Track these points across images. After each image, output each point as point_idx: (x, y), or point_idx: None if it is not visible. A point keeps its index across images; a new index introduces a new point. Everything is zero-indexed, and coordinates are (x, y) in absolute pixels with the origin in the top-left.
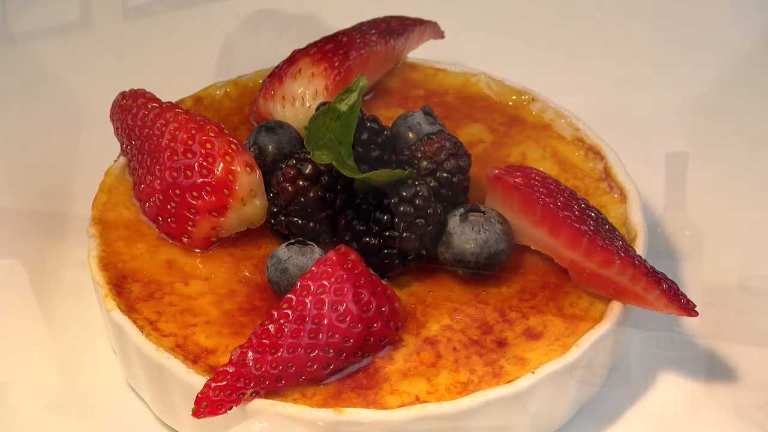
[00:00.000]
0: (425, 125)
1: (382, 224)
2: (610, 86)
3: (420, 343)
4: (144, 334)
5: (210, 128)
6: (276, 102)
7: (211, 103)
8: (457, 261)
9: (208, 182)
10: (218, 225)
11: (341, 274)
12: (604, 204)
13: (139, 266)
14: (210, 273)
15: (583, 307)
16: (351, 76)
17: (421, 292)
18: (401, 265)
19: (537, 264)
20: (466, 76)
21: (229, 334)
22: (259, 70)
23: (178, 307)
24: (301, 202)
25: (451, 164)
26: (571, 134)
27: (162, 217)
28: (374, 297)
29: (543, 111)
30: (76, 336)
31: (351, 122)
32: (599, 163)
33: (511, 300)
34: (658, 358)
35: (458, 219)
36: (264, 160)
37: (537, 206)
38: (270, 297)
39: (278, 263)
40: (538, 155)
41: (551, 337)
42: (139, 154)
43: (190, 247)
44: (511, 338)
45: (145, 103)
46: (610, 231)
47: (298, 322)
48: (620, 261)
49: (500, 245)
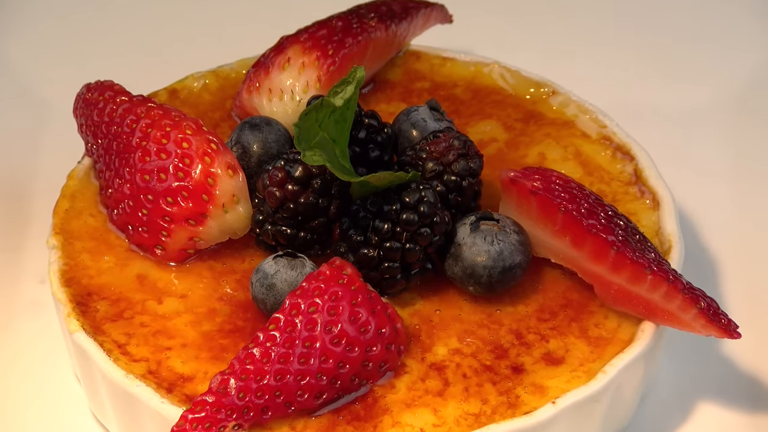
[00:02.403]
0: (431, 122)
1: (382, 234)
2: (637, 79)
3: (425, 369)
4: (112, 359)
5: (187, 125)
6: (262, 95)
7: (188, 97)
8: (468, 276)
9: (184, 186)
10: (196, 235)
11: (336, 290)
12: (634, 211)
13: (107, 282)
14: (187, 289)
15: (611, 328)
16: (347, 66)
17: (427, 311)
18: (404, 281)
19: (558, 279)
20: (477, 66)
21: (208, 359)
22: (243, 59)
23: (151, 329)
24: (290, 208)
25: (461, 166)
26: (596, 132)
27: (132, 225)
28: (373, 317)
29: (564, 106)
30: (34, 361)
31: (347, 118)
32: (629, 164)
33: (529, 320)
34: (695, 387)
35: (468, 228)
36: (248, 161)
37: (558, 213)
38: (255, 317)
39: (264, 278)
40: (558, 156)
41: (574, 363)
42: (107, 154)
43: (164, 260)
44: (529, 364)
45: (113, 97)
46: (640, 242)
47: (286, 346)
48: (652, 276)
49: (516, 258)
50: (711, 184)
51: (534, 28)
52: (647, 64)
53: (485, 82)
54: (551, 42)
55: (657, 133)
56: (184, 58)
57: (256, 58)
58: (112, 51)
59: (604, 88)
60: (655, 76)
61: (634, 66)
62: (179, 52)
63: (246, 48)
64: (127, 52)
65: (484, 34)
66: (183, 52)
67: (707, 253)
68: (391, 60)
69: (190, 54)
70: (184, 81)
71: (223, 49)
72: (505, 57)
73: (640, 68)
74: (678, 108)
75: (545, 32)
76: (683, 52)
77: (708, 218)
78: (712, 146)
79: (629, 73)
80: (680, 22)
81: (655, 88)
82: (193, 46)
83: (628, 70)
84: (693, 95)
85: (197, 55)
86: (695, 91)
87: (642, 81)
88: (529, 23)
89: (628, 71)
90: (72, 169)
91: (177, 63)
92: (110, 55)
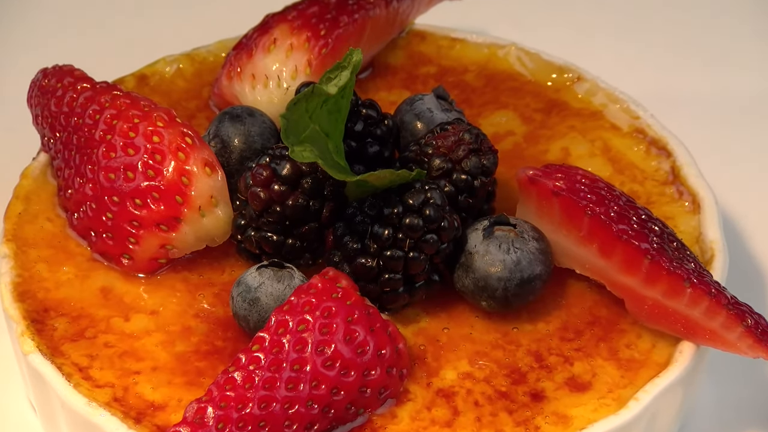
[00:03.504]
0: (438, 112)
1: (382, 241)
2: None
3: (431, 396)
4: (72, 384)
5: (158, 116)
6: (244, 82)
7: (159, 84)
8: (480, 289)
9: (155, 186)
10: (168, 242)
11: (329, 306)
12: (671, 215)
13: (66, 296)
14: (158, 305)
15: (644, 349)
16: (341, 48)
17: (433, 330)
18: (407, 295)
19: (583, 293)
20: (492, 49)
21: (182, 385)
22: (222, 41)
23: (117, 349)
24: (276, 212)
25: (472, 163)
26: (628, 124)
27: (95, 231)
28: (372, 336)
29: (591, 94)
30: None
31: (341, 109)
32: (665, 161)
33: (550, 340)
34: (740, 416)
35: (481, 234)
36: (228, 157)
37: (583, 218)
38: (236, 336)
39: (247, 292)
40: (584, 151)
41: (602, 389)
42: (66, 149)
43: (131, 270)
44: (551, 390)
45: (74, 84)
46: (678, 250)
47: (272, 369)
48: (692, 288)
49: (535, 268)
50: (759, 183)
51: (556, 4)
52: (686, 46)
53: (500, 66)
54: (576, 20)
55: (697, 126)
56: (155, 39)
57: (237, 39)
58: (72, 31)
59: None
60: (695, 60)
61: (671, 49)
62: (148, 32)
63: (225, 27)
64: (89, 33)
65: (499, 12)
66: (153, 31)
67: (755, 262)
68: (392, 41)
69: (161, 34)
70: (155, 65)
71: (199, 28)
72: (523, 38)
73: (679, 51)
74: (721, 97)
75: (569, 9)
76: (727, 34)
77: (755, 223)
78: (760, 141)
79: (666, 57)
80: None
81: (695, 74)
82: (164, 25)
83: (665, 54)
84: (739, 82)
85: (169, 35)
86: (741, 77)
87: (680, 66)
88: (550, 1)
89: (664, 55)
90: (26, 166)
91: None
92: (70, 35)
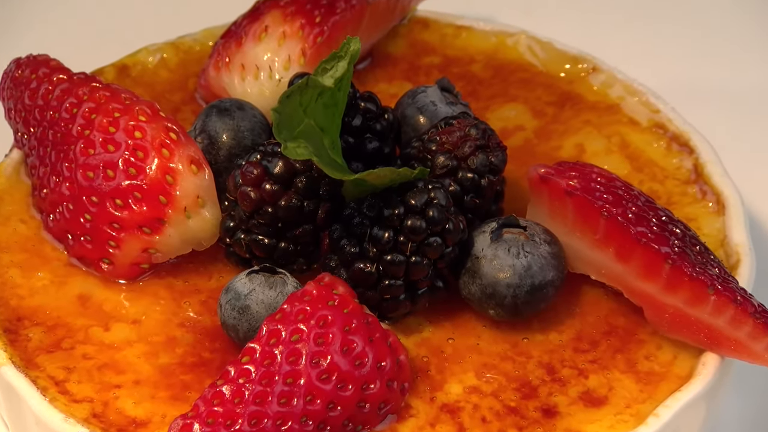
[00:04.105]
0: (442, 106)
1: (382, 245)
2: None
3: (435, 412)
4: (47, 399)
5: (140, 110)
6: (233, 73)
7: (141, 75)
8: (488, 296)
9: (137, 186)
10: (151, 246)
11: (325, 314)
12: (693, 216)
13: (41, 303)
14: (140, 313)
15: (665, 361)
16: (338, 36)
17: (437, 340)
18: (409, 302)
19: (599, 300)
20: (500, 37)
21: (166, 399)
22: (209, 28)
23: (96, 361)
24: (268, 213)
25: (479, 161)
26: (647, 118)
27: (73, 234)
28: (371, 347)
29: (608, 86)
30: None
31: (338, 102)
32: (687, 158)
33: (563, 351)
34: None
35: (488, 237)
36: (216, 154)
37: (599, 219)
38: (224, 347)
39: (236, 300)
40: (600, 147)
41: (619, 404)
42: (41, 146)
43: (111, 276)
44: (564, 405)
45: (49, 75)
46: (701, 254)
47: (264, 383)
48: (716, 296)
49: (547, 274)
50: None
51: None
52: (711, 33)
53: (509, 56)
54: (591, 7)
55: (722, 120)
56: (136, 27)
57: (225, 27)
58: (48, 18)
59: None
60: (720, 49)
61: (694, 36)
62: (130, 19)
63: (213, 14)
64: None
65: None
66: (135, 18)
67: None
68: (393, 29)
69: (143, 21)
70: (137, 55)
71: (184, 15)
72: (534, 25)
73: (703, 39)
74: (749, 89)
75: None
76: (755, 21)
77: None
78: None
79: (689, 46)
80: None
81: (721, 64)
82: (147, 12)
83: (688, 42)
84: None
85: (152, 22)
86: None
87: (704, 55)
88: None
89: (687, 43)
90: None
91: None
92: (45, 22)
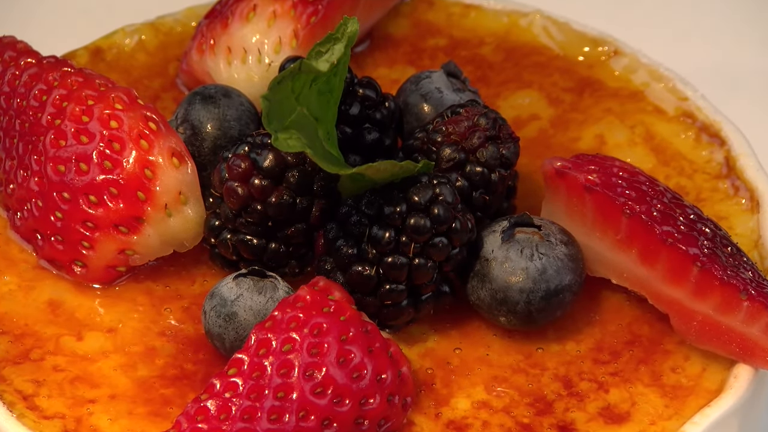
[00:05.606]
0: (448, 93)
1: (383, 245)
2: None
3: (441, 429)
4: (15, 415)
5: (116, 97)
6: (218, 57)
7: (117, 58)
8: (498, 303)
9: (113, 180)
10: (129, 246)
11: (319, 322)
12: (725, 214)
13: (7, 310)
14: (116, 321)
15: (693, 373)
16: (334, 16)
17: (443, 351)
18: (412, 309)
19: (621, 307)
20: (512, 17)
21: (145, 415)
22: (191, 7)
23: (68, 374)
24: (257, 211)
25: (489, 153)
26: (674, 107)
27: (42, 234)
28: (370, 358)
29: (631, 71)
30: None
31: (334, 89)
32: (718, 151)
33: (582, 363)
34: None
35: (499, 238)
36: (200, 146)
37: (621, 218)
38: (209, 358)
39: (222, 306)
40: (623, 139)
41: (643, 420)
42: (6, 137)
43: (85, 280)
44: (582, 421)
45: (16, 59)
46: (733, 255)
47: (252, 397)
48: (750, 302)
49: (564, 278)
50: None
51: None
52: (743, 15)
53: (523, 38)
54: None
55: (757, 110)
56: (111, 6)
57: (209, 6)
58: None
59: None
60: (754, 32)
61: (725, 17)
62: None
63: None
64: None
65: None
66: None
67: None
68: (394, 8)
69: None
70: (112, 37)
71: None
72: (549, 4)
73: (734, 21)
74: None
75: None
76: None
77: None
78: None
79: (719, 27)
80: None
81: (754, 48)
82: None
83: (718, 23)
84: None
85: (129, 1)
86: None
87: (737, 38)
88: None
89: (717, 24)
90: None
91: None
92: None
